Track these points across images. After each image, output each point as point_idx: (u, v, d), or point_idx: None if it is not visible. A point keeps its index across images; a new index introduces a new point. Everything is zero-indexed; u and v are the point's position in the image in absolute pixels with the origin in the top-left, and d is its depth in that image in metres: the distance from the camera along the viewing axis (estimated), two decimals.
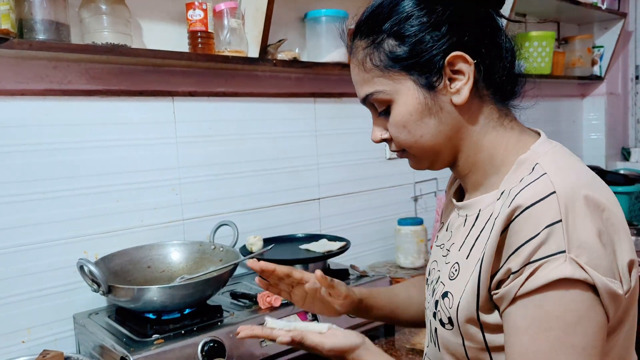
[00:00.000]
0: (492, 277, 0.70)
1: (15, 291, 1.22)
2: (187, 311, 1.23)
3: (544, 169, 0.69)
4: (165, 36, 1.42)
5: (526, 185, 0.67)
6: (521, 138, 0.78)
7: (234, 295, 1.37)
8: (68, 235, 1.29)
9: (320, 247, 1.55)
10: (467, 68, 0.74)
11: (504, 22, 0.82)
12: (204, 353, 1.12)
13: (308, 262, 1.48)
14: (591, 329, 0.63)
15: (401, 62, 0.75)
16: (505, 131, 0.78)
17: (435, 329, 0.81)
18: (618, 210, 0.69)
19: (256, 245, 1.51)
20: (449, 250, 0.83)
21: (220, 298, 1.36)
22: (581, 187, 0.66)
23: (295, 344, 0.85)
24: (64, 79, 1.27)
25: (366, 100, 0.81)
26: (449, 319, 0.77)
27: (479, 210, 0.78)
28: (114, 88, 1.35)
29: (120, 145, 1.36)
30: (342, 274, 1.51)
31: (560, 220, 0.63)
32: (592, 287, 0.63)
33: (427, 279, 0.90)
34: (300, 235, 1.68)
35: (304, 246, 1.58)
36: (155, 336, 1.13)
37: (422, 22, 0.74)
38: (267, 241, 1.55)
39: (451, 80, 0.75)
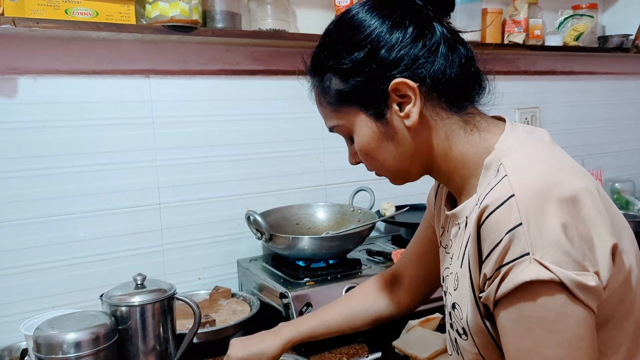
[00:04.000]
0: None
1: (193, 237, 1.49)
2: (331, 262, 1.42)
3: (505, 170, 0.68)
4: (315, 21, 1.60)
5: (490, 190, 0.67)
6: (486, 137, 0.77)
7: (370, 253, 1.53)
8: (234, 193, 1.53)
9: None
10: (411, 91, 0.74)
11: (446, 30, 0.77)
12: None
13: None
14: (572, 323, 0.62)
15: (348, 98, 0.77)
16: (471, 136, 0.77)
17: (455, 339, 0.81)
18: (595, 196, 0.66)
19: (389, 210, 1.66)
20: (451, 259, 0.83)
21: (358, 254, 1.53)
22: (543, 183, 0.64)
23: None
24: (234, 61, 1.50)
25: (332, 131, 0.85)
26: (463, 329, 0.77)
27: (466, 218, 0.77)
28: (272, 68, 1.56)
29: (276, 119, 1.58)
30: None
31: (521, 224, 0.62)
32: (562, 284, 0.61)
33: (442, 286, 0.89)
34: None
35: None
36: (306, 279, 1.33)
37: (357, 58, 0.75)
38: (399, 208, 1.69)
39: (401, 104, 0.75)
